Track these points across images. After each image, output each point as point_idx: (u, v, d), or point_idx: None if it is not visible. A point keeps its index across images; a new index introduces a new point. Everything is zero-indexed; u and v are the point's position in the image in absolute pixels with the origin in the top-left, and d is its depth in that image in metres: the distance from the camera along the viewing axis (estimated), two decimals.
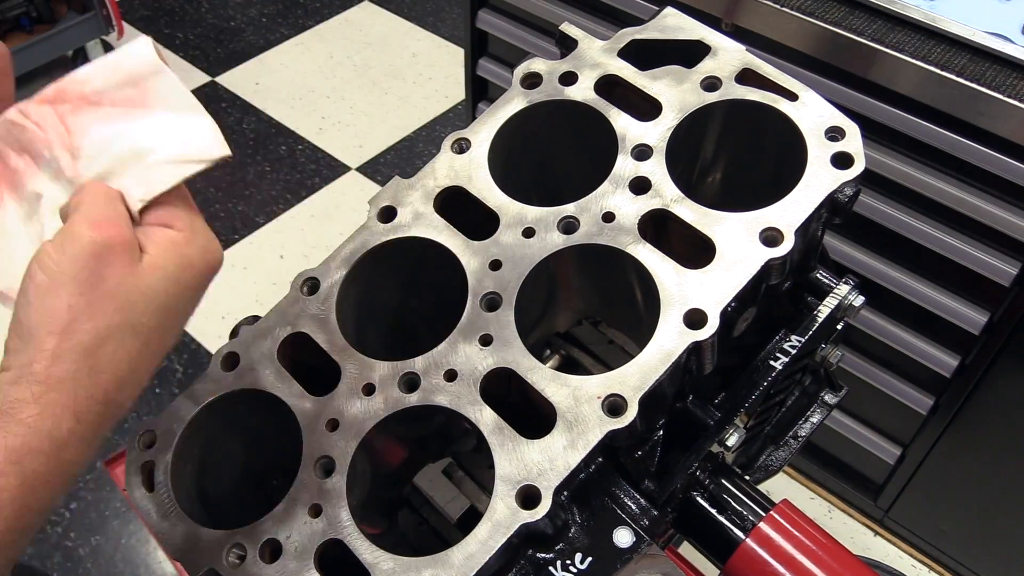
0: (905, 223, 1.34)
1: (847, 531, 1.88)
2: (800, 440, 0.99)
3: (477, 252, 0.73)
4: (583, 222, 0.72)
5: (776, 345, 0.81)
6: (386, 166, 2.75)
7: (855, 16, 1.26)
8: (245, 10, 3.35)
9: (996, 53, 1.17)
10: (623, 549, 0.66)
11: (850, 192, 0.72)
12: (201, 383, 0.72)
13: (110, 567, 1.89)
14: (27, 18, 2.73)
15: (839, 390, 1.01)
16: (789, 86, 0.76)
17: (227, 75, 3.07)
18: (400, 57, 3.13)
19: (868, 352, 1.53)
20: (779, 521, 0.73)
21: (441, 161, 0.78)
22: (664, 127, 0.76)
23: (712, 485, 0.76)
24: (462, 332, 0.69)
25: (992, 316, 1.33)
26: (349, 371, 0.70)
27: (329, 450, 0.67)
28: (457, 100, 2.93)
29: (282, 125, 2.88)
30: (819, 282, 0.83)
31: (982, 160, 1.21)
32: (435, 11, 3.32)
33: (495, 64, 1.85)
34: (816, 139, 0.72)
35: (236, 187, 2.67)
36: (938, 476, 1.62)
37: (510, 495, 0.62)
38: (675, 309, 0.67)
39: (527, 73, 0.81)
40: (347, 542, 0.63)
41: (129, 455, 0.70)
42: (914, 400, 1.51)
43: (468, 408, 0.66)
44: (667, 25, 0.82)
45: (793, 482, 1.94)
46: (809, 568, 0.71)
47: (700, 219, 0.71)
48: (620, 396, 0.64)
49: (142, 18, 3.29)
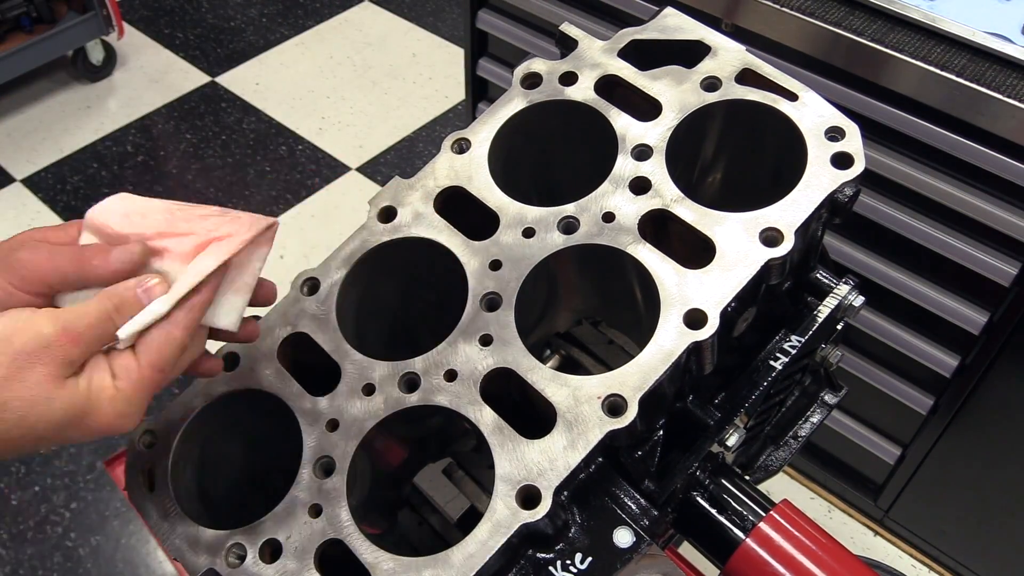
0: (905, 223, 1.34)
1: (847, 531, 1.88)
2: (800, 440, 0.99)
3: (477, 252, 0.73)
4: (583, 222, 0.72)
5: (776, 345, 0.81)
6: (386, 166, 2.75)
7: (855, 16, 1.26)
8: (245, 10, 3.35)
9: (996, 53, 1.17)
10: (623, 549, 0.66)
11: (850, 192, 0.72)
12: (201, 383, 0.72)
13: (110, 567, 1.89)
14: (27, 18, 2.73)
15: (839, 390, 1.01)
16: (789, 86, 0.76)
17: (227, 75, 3.07)
18: (400, 57, 3.13)
19: (868, 352, 1.53)
20: (779, 521, 0.73)
21: (441, 161, 0.78)
22: (664, 127, 0.76)
23: (712, 485, 0.76)
24: (462, 332, 0.69)
25: (992, 316, 1.33)
26: (349, 371, 0.70)
27: (329, 450, 0.67)
28: (457, 100, 2.93)
29: (282, 125, 2.88)
30: (819, 282, 0.83)
31: (982, 160, 1.21)
32: (435, 11, 3.32)
33: (495, 64, 1.85)
34: (816, 139, 0.72)
35: (236, 187, 2.67)
36: (938, 476, 1.62)
37: (510, 495, 0.62)
38: (675, 309, 0.67)
39: (527, 73, 0.81)
40: (347, 542, 0.63)
41: (129, 455, 0.70)
42: (914, 400, 1.51)
43: (468, 408, 0.66)
44: (667, 25, 0.82)
45: (793, 482, 1.94)
46: (809, 568, 0.71)
47: (700, 219, 0.71)
48: (620, 396, 0.64)
49: (142, 18, 3.29)
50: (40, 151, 2.79)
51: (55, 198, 2.64)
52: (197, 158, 2.78)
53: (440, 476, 0.82)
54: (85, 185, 2.69)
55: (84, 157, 2.78)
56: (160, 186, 2.69)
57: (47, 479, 2.02)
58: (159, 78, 3.05)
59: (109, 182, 2.70)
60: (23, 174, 2.72)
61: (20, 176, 2.71)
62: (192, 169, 2.74)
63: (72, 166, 2.75)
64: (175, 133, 2.87)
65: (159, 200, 0.64)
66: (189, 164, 2.76)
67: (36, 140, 2.82)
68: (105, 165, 2.75)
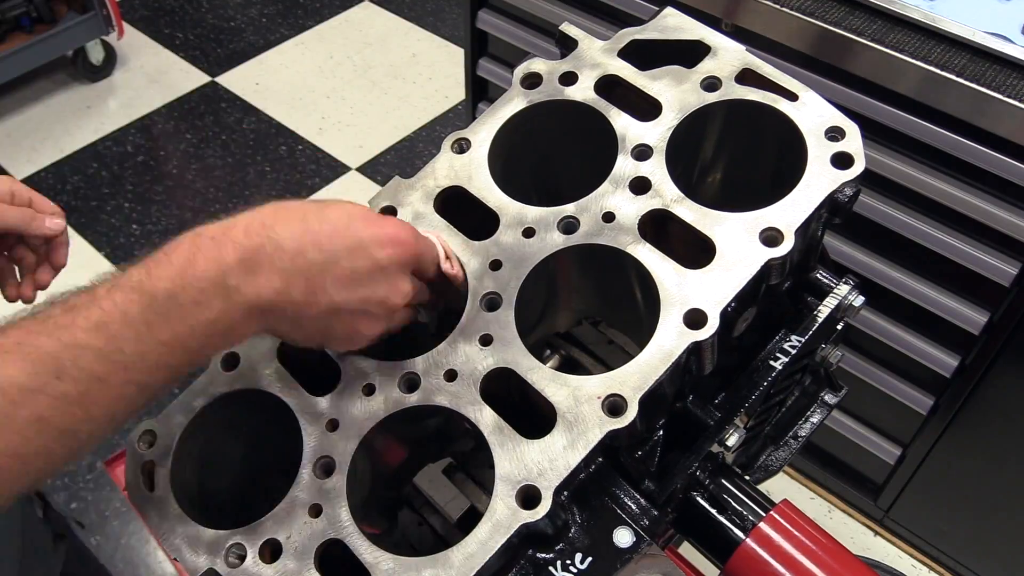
0: (905, 223, 1.34)
1: (847, 531, 1.88)
2: (800, 440, 0.99)
3: (477, 252, 0.73)
4: (583, 222, 0.72)
5: (776, 345, 0.81)
6: (386, 166, 2.75)
7: (855, 16, 1.26)
8: (245, 10, 3.35)
9: (996, 53, 1.17)
10: (623, 549, 0.66)
11: (850, 192, 0.72)
12: (201, 383, 0.72)
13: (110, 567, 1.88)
14: (27, 18, 2.73)
15: (839, 390, 1.01)
16: (789, 86, 0.76)
17: (227, 75, 3.07)
18: (400, 57, 3.13)
19: (868, 352, 1.53)
20: (779, 521, 0.73)
21: (441, 161, 0.78)
22: (664, 127, 0.76)
23: (712, 485, 0.76)
24: (462, 332, 0.69)
25: (992, 316, 1.33)
26: (349, 371, 0.70)
27: (329, 450, 0.67)
28: (457, 100, 2.93)
29: (282, 125, 2.88)
30: (819, 282, 0.83)
31: (982, 160, 1.21)
32: (435, 11, 3.32)
33: (495, 64, 1.85)
34: (816, 139, 0.72)
35: (236, 187, 2.67)
36: (938, 476, 1.62)
37: (510, 495, 0.62)
38: (675, 309, 0.67)
39: (527, 73, 0.81)
40: (347, 542, 0.63)
41: (129, 455, 0.70)
42: (914, 400, 1.51)
43: (468, 408, 0.66)
44: (667, 25, 0.82)
45: (793, 482, 1.94)
46: (809, 568, 0.71)
47: (700, 219, 0.71)
48: (620, 396, 0.64)
49: (142, 18, 3.29)
50: (40, 151, 2.79)
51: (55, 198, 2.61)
52: (197, 158, 2.78)
53: (440, 476, 0.82)
54: (85, 185, 2.69)
55: (84, 157, 2.78)
56: (160, 186, 2.69)
57: (47, 479, 2.02)
58: (159, 78, 3.05)
59: (109, 182, 2.70)
60: (23, 174, 2.72)
61: (20, 176, 2.71)
62: (192, 169, 2.74)
63: (72, 166, 2.75)
64: (175, 133, 2.87)
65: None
66: (189, 164, 2.76)
67: (36, 140, 2.82)
68: (105, 165, 2.75)
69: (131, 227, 2.55)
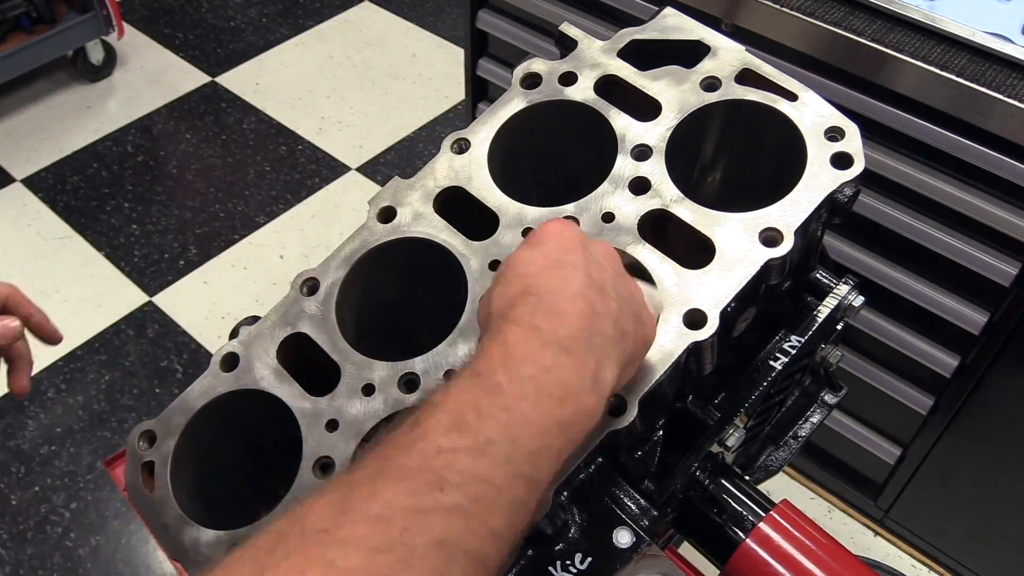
0: (905, 223, 1.34)
1: (847, 531, 1.88)
2: (800, 440, 0.99)
3: (477, 252, 0.73)
4: (583, 222, 0.72)
5: (776, 345, 0.81)
6: (386, 166, 2.75)
7: (855, 16, 1.26)
8: (245, 10, 3.35)
9: (996, 53, 1.17)
10: (623, 549, 0.65)
11: (850, 192, 0.72)
12: (200, 383, 0.72)
13: (110, 567, 1.89)
14: (27, 18, 2.73)
15: (839, 390, 1.01)
16: (789, 86, 0.76)
17: (227, 75, 3.07)
18: (400, 57, 3.13)
19: (868, 352, 1.53)
20: (779, 521, 0.73)
21: (441, 161, 0.78)
22: (664, 127, 0.76)
23: (712, 485, 0.76)
24: (462, 332, 0.69)
25: (992, 316, 1.33)
26: (349, 371, 0.70)
27: (329, 450, 0.67)
28: (457, 100, 2.93)
29: (282, 125, 2.88)
30: (819, 282, 0.83)
31: (982, 160, 1.21)
32: (435, 11, 3.32)
33: (495, 64, 1.85)
34: (816, 139, 0.72)
35: (236, 187, 2.67)
36: (938, 476, 1.62)
37: None
38: (675, 309, 0.67)
39: (527, 73, 0.81)
40: None
41: (129, 455, 0.70)
42: (914, 400, 1.51)
43: None
44: (667, 25, 0.82)
45: (793, 482, 1.94)
46: (809, 568, 0.71)
47: (700, 219, 0.71)
48: (620, 396, 0.64)
49: (142, 18, 3.29)
50: (40, 151, 2.79)
51: (55, 198, 2.64)
52: (197, 158, 2.78)
53: None
54: (85, 185, 2.69)
55: (84, 157, 2.78)
56: (160, 186, 2.69)
57: (47, 479, 2.02)
58: (159, 78, 3.05)
59: (109, 182, 2.70)
60: (23, 174, 2.72)
61: (20, 176, 2.71)
62: (192, 169, 2.74)
63: (72, 166, 2.75)
64: (175, 133, 2.87)
65: None
66: (189, 164, 2.76)
67: (36, 140, 2.82)
68: (105, 165, 2.76)
69: (131, 227, 2.55)
